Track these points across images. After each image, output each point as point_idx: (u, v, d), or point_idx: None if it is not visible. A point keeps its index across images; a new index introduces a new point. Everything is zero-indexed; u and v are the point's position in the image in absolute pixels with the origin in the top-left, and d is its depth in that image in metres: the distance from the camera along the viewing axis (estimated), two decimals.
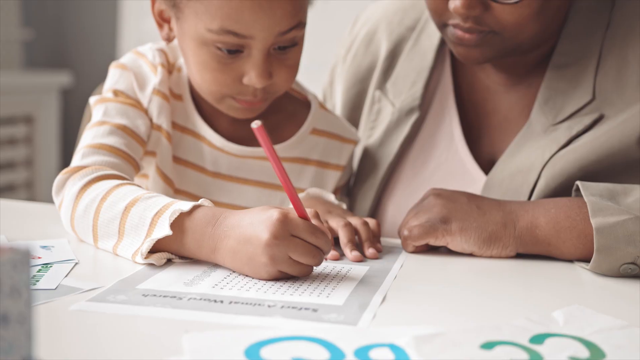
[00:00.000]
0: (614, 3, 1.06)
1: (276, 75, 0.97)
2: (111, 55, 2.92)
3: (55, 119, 2.89)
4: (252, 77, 0.96)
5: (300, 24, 0.96)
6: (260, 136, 0.77)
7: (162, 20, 1.01)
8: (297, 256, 0.80)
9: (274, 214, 0.80)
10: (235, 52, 0.95)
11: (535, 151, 1.02)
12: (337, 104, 1.24)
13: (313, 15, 1.01)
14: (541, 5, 0.97)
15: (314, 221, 0.84)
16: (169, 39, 1.02)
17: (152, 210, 0.86)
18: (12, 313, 0.42)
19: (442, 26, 1.03)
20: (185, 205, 0.85)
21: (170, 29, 1.01)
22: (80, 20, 3.04)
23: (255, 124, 0.77)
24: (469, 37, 1.00)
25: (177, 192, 1.05)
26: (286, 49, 0.97)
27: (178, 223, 0.84)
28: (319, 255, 0.81)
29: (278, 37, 0.95)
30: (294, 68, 1.00)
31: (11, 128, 2.75)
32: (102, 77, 1.15)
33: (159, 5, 1.00)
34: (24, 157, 2.81)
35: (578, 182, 0.93)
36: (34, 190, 2.85)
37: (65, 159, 2.91)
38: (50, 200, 0.96)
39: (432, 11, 1.03)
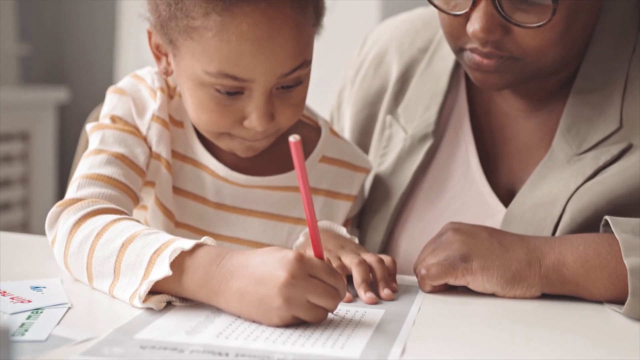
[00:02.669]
0: None
1: (279, 115, 0.91)
2: (109, 70, 2.87)
3: (52, 135, 2.83)
4: (252, 120, 0.90)
5: (305, 63, 0.90)
6: (296, 153, 0.72)
7: (159, 53, 0.95)
8: (315, 298, 0.74)
9: (289, 253, 0.75)
10: (234, 93, 0.89)
11: (559, 182, 0.96)
12: (346, 129, 1.18)
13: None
14: (565, 28, 0.92)
15: None
16: (167, 73, 0.96)
17: (151, 248, 0.80)
18: None
19: (458, 50, 0.97)
20: (187, 243, 0.79)
21: (168, 64, 0.95)
22: (78, 35, 2.98)
23: (294, 138, 0.71)
24: (487, 63, 0.94)
25: (178, 226, 0.99)
26: (290, 87, 0.91)
27: (178, 262, 0.78)
28: (338, 297, 0.76)
29: (281, 78, 0.89)
30: (299, 106, 0.94)
31: (7, 144, 2.69)
32: (100, 92, 1.09)
33: (155, 38, 0.94)
34: (20, 174, 2.75)
35: (607, 217, 0.87)
36: (30, 208, 2.79)
37: (62, 177, 2.85)
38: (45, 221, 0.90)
39: (448, 35, 0.97)
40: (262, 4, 0.86)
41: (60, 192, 2.80)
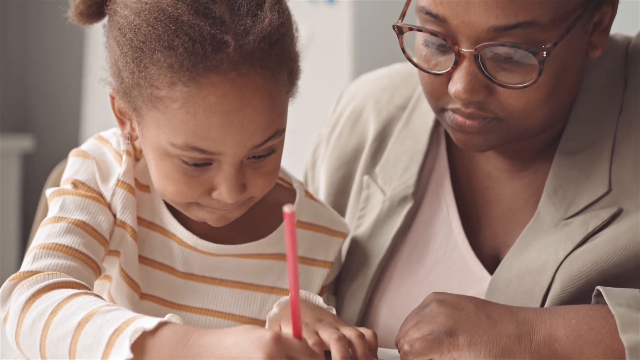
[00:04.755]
0: (627, 83, 0.96)
1: (251, 185, 0.86)
2: (76, 118, 2.80)
3: (16, 185, 2.76)
4: (222, 192, 0.84)
5: (278, 132, 0.85)
6: (289, 226, 0.67)
7: (123, 117, 0.90)
8: None
9: (265, 333, 0.69)
10: (202, 165, 0.84)
11: (547, 248, 0.91)
12: (321, 189, 1.13)
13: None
14: (552, 88, 0.88)
15: None
16: (131, 139, 0.91)
17: (110, 327, 0.74)
18: None
19: (439, 110, 0.93)
20: (150, 322, 0.73)
21: (133, 129, 0.90)
22: (44, 81, 2.93)
23: (289, 209, 0.66)
24: (470, 124, 0.90)
25: (143, 297, 0.92)
26: (262, 157, 0.86)
27: (140, 343, 0.73)
28: None
29: (252, 149, 0.84)
30: (272, 175, 0.88)
31: None
32: (67, 141, 1.04)
33: (118, 103, 0.89)
34: None
35: (600, 288, 0.83)
36: None
37: (26, 228, 2.76)
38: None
39: (429, 94, 0.93)
40: (232, 73, 0.81)
41: (24, 245, 2.72)
